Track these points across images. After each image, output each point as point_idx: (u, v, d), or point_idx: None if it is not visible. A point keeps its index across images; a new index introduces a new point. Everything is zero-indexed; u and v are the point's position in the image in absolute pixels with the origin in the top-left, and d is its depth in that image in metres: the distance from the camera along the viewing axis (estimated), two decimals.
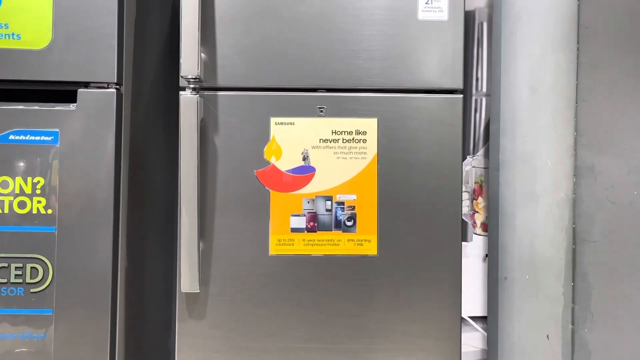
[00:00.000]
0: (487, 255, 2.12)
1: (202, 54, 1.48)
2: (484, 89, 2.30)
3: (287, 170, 1.49)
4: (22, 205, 1.46)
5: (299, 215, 1.49)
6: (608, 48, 1.13)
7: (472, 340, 2.11)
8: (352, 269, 1.49)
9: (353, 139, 1.49)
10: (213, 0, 1.48)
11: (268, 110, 1.49)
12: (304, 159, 1.49)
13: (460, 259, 1.50)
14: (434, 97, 1.50)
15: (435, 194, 1.50)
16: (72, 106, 1.47)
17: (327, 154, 1.49)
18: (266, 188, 1.49)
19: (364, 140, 1.49)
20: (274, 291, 1.48)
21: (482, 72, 2.31)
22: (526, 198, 1.36)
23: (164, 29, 1.80)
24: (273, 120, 1.49)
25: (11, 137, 1.46)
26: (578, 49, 1.13)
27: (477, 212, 2.37)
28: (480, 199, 2.36)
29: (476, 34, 2.11)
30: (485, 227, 2.23)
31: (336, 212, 1.49)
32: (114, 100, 1.49)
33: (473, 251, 2.20)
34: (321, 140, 1.49)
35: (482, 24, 2.27)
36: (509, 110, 1.54)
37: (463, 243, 2.20)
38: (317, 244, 1.49)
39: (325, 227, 1.49)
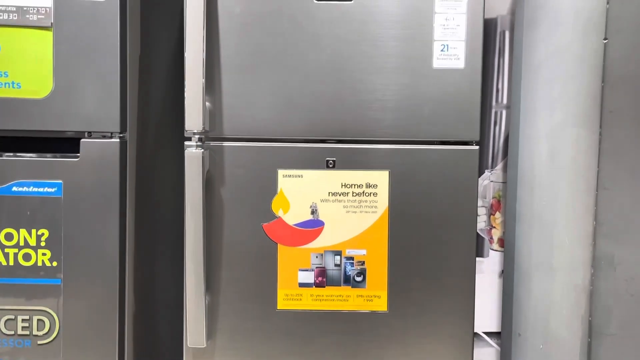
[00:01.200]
0: (502, 272, 2.08)
1: (208, 103, 1.42)
2: (504, 101, 2.22)
3: (295, 224, 1.44)
4: (27, 257, 1.45)
5: (307, 270, 1.45)
6: (632, 134, 1.06)
7: (487, 356, 2.09)
8: (362, 325, 1.46)
9: (363, 192, 1.44)
10: (219, 48, 1.42)
11: (276, 161, 1.44)
12: (313, 212, 1.44)
13: (473, 314, 1.46)
14: (449, 149, 1.44)
15: (448, 251, 1.45)
16: (76, 157, 1.43)
17: (336, 208, 1.44)
18: (274, 242, 1.45)
19: (375, 194, 1.44)
20: (281, 346, 1.46)
21: (502, 83, 2.22)
22: (543, 265, 1.31)
23: (170, 70, 1.74)
24: (281, 172, 1.44)
25: (14, 188, 1.44)
26: (601, 134, 1.06)
27: (495, 227, 2.32)
28: (497, 214, 2.30)
29: (497, 43, 2.02)
30: (502, 242, 2.19)
31: (345, 267, 1.45)
32: (118, 150, 1.46)
33: (489, 267, 2.17)
34: (330, 194, 1.44)
35: (503, 32, 2.17)
36: (527, 161, 1.48)
37: (479, 259, 2.16)
38: (325, 299, 1.46)
39: (334, 282, 1.46)
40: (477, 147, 1.44)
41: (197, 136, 1.42)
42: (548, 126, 1.36)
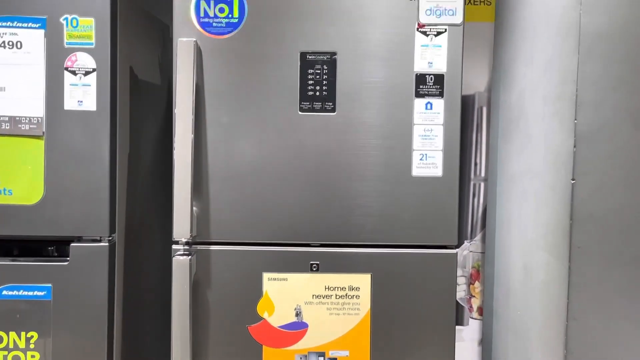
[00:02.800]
0: (482, 340, 2.13)
1: (195, 208, 1.47)
2: (482, 174, 2.28)
3: (279, 326, 1.49)
4: None
5: None
6: (600, 270, 1.12)
7: None
8: None
9: (346, 295, 1.49)
10: (207, 156, 1.47)
11: (261, 265, 1.49)
12: (297, 314, 1.48)
13: None
14: (428, 253, 1.49)
15: (428, 350, 1.50)
16: (65, 260, 1.47)
17: (320, 310, 1.49)
18: (259, 343, 1.49)
19: (357, 296, 1.49)
20: None
21: (480, 157, 2.29)
22: None
23: (157, 165, 1.79)
24: (266, 275, 1.48)
25: (5, 292, 1.47)
26: (570, 268, 1.12)
27: (474, 296, 2.37)
28: (477, 284, 2.36)
29: (475, 118, 2.09)
30: (481, 310, 2.24)
31: None
32: (107, 253, 1.49)
33: (469, 335, 2.22)
34: (314, 296, 1.48)
35: (481, 108, 2.24)
36: (503, 264, 1.54)
37: (459, 327, 2.21)
38: None
39: None
40: (455, 251, 1.49)
41: (184, 240, 1.46)
42: (522, 240, 1.42)
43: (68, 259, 1.47)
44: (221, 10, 1.45)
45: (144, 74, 1.70)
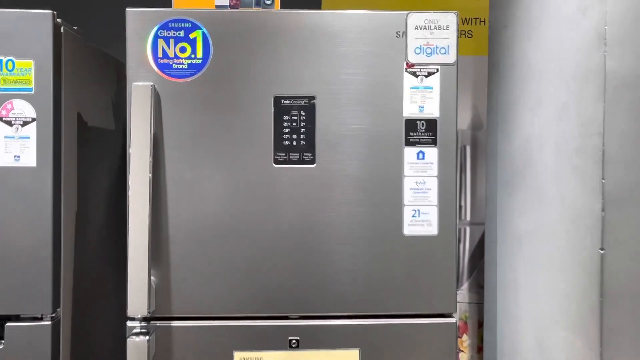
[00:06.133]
0: None
1: (153, 278, 1.26)
2: (468, 217, 2.13)
3: None
4: None
5: None
6: (637, 351, 0.95)
7: None
8: None
9: None
10: (167, 216, 1.27)
11: (232, 343, 1.28)
12: None
13: None
14: (424, 323, 1.31)
15: None
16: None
17: None
18: None
19: None
20: None
21: (465, 199, 2.14)
22: None
23: (114, 229, 1.59)
24: (238, 355, 1.28)
25: None
26: (601, 354, 0.94)
27: (462, 350, 2.19)
28: (465, 337, 2.19)
29: (458, 158, 1.93)
30: None
31: None
32: (49, 334, 1.28)
33: None
34: None
35: (464, 147, 2.10)
36: (508, 339, 1.35)
37: None
38: None
39: None
40: (454, 320, 1.31)
41: (141, 316, 1.25)
42: (533, 311, 1.24)
43: (2, 341, 1.24)
44: (182, 49, 1.27)
45: (95, 119, 1.50)
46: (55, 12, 1.26)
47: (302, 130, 1.29)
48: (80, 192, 1.39)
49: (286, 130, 1.29)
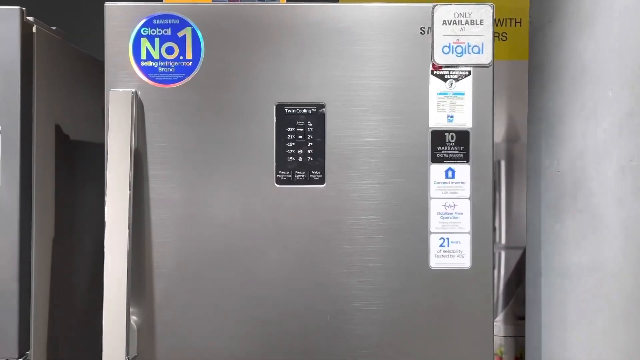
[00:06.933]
0: None
1: (134, 317, 1.08)
2: (503, 241, 1.93)
3: None
4: None
5: None
6: None
7: None
8: None
9: None
10: (151, 246, 1.08)
11: None
12: None
13: None
14: None
15: None
16: None
17: None
18: None
19: None
20: None
21: (500, 221, 1.94)
22: None
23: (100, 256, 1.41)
24: None
25: None
26: None
27: None
28: None
29: (492, 175, 1.73)
30: None
31: None
32: None
33: None
34: None
35: (499, 162, 1.92)
36: None
37: None
38: None
39: None
40: None
41: None
42: None
43: None
44: (169, 50, 1.08)
45: (79, 131, 1.33)
46: (24, 9, 1.09)
47: (309, 144, 1.10)
48: (61, 215, 1.22)
49: (290, 144, 1.10)
